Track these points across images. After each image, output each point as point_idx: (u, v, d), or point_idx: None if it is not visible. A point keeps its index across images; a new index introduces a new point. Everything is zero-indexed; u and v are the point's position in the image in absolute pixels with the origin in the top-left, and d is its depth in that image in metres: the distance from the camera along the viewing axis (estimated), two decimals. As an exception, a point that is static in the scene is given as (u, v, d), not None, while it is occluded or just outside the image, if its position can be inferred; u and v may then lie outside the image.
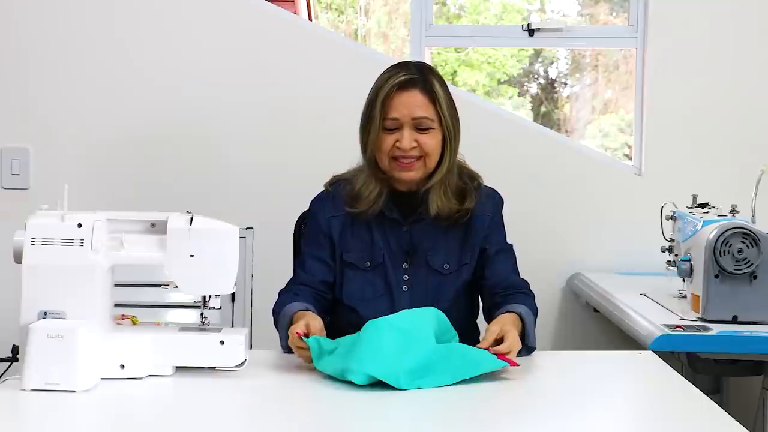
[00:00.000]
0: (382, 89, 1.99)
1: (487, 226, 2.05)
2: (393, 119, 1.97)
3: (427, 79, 2.00)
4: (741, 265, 2.12)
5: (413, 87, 1.98)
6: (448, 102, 2.01)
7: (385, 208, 2.03)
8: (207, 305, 1.75)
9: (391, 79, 1.99)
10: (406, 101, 1.97)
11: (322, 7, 7.48)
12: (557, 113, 6.70)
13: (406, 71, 2.00)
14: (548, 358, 1.98)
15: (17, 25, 2.91)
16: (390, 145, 1.98)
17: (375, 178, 2.03)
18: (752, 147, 2.94)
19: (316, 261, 2.05)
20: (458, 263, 2.03)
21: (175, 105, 2.94)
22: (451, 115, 2.01)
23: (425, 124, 1.97)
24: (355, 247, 2.04)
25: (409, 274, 2.03)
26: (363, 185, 2.03)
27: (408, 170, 1.99)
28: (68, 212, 1.67)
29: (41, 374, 1.58)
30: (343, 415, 1.54)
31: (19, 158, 2.91)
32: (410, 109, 1.97)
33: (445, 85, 2.04)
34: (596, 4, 5.89)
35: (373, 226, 2.04)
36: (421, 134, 1.98)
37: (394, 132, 1.98)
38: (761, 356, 2.10)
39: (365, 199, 2.02)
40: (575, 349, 2.84)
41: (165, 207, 1.81)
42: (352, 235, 2.05)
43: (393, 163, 1.99)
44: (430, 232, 2.03)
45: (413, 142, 1.97)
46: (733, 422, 1.46)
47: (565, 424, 1.50)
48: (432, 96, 1.98)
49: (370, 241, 2.03)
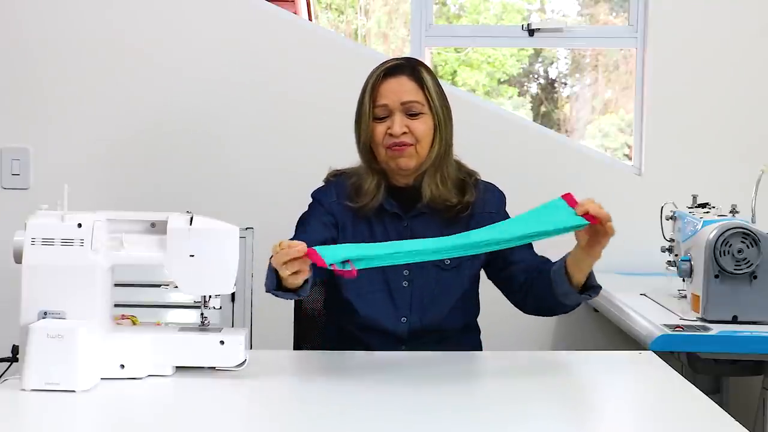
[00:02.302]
0: (371, 78, 2.02)
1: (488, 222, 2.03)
2: (382, 106, 1.99)
3: (414, 67, 2.03)
4: (741, 265, 2.12)
5: (401, 73, 2.00)
6: (437, 89, 2.03)
7: (386, 202, 2.03)
8: (207, 305, 1.75)
9: (379, 68, 2.02)
10: (394, 87, 1.99)
11: (322, 7, 7.48)
12: (557, 113, 6.70)
13: (394, 60, 2.05)
14: (548, 358, 1.98)
15: (17, 26, 2.91)
16: (383, 133, 1.99)
17: (372, 170, 2.03)
18: (752, 147, 2.94)
19: (316, 223, 2.03)
20: (459, 258, 2.02)
21: (175, 105, 2.94)
22: (441, 102, 2.03)
23: (415, 109, 1.99)
24: (355, 241, 2.04)
25: (409, 269, 2.02)
26: (362, 178, 2.04)
27: (401, 156, 1.99)
28: (68, 212, 1.67)
29: (41, 374, 1.58)
30: (342, 414, 1.54)
31: (19, 158, 2.91)
32: (398, 94, 1.98)
33: (434, 75, 2.06)
34: (596, 4, 5.89)
35: (373, 220, 2.04)
36: (412, 119, 1.98)
37: (385, 120, 1.99)
38: (761, 356, 2.10)
39: (365, 193, 2.02)
40: (575, 349, 2.84)
41: (165, 207, 1.81)
42: (353, 229, 2.05)
43: (388, 152, 1.99)
44: (431, 227, 2.02)
45: (404, 127, 1.97)
46: (733, 422, 1.46)
47: (565, 424, 1.50)
48: (420, 82, 2.00)
49: (370, 236, 2.03)
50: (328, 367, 1.81)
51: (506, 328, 2.76)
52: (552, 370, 1.84)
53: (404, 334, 1.99)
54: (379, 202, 2.03)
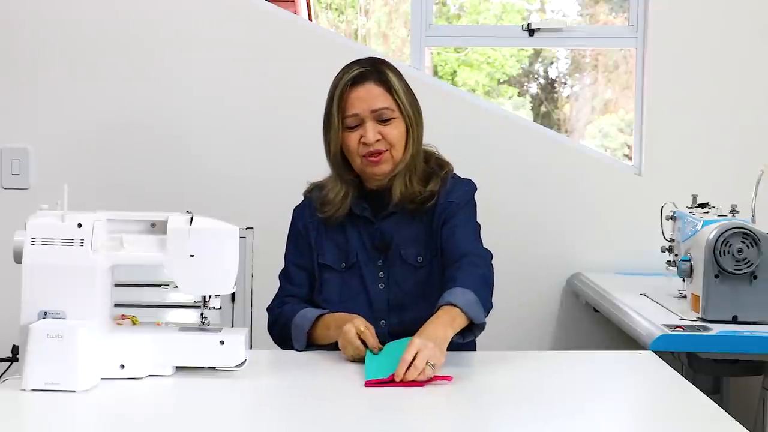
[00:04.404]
0: (337, 88, 1.99)
1: (450, 210, 2.00)
2: (353, 116, 1.97)
3: (380, 70, 2.00)
4: (741, 265, 2.12)
5: (367, 80, 1.98)
6: (405, 90, 2.01)
7: (356, 206, 2.03)
8: (207, 305, 1.75)
9: (345, 76, 2.00)
10: (362, 95, 1.97)
11: (322, 7, 7.48)
12: (557, 113, 6.70)
13: (358, 66, 2.01)
14: (548, 358, 1.98)
15: (17, 25, 2.91)
16: (356, 142, 1.98)
17: (340, 179, 2.03)
18: (752, 147, 2.94)
19: (299, 270, 2.07)
20: (430, 254, 2.01)
21: (175, 105, 2.93)
22: (410, 102, 2.01)
23: (386, 115, 1.97)
24: (330, 250, 2.04)
25: (384, 271, 2.02)
26: (331, 189, 2.04)
27: (378, 164, 1.98)
28: (68, 212, 1.67)
29: (41, 374, 1.58)
30: (342, 414, 1.54)
31: (19, 158, 2.91)
32: (368, 102, 1.97)
33: (399, 74, 2.03)
34: (596, 4, 5.89)
35: (346, 226, 2.04)
36: (384, 126, 1.97)
37: (356, 129, 1.98)
38: (761, 356, 2.10)
39: (332, 203, 2.03)
40: (575, 349, 2.84)
41: (165, 207, 1.81)
42: (327, 238, 2.05)
43: (364, 161, 1.99)
44: (401, 224, 2.02)
45: (377, 135, 1.96)
46: (733, 422, 1.46)
47: (565, 424, 1.50)
48: (387, 86, 1.99)
49: (345, 242, 2.04)
50: (328, 367, 1.81)
51: (506, 328, 2.76)
52: (552, 370, 1.84)
53: (386, 337, 1.96)
54: (347, 210, 2.03)
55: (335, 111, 1.98)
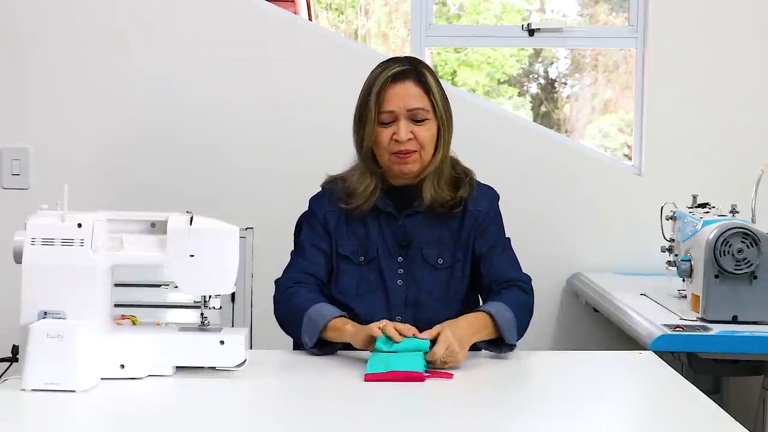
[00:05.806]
0: (376, 83, 2.00)
1: (481, 220, 2.04)
2: (389, 112, 1.98)
3: (419, 71, 2.02)
4: (741, 265, 2.12)
5: (407, 78, 1.99)
6: (440, 93, 2.03)
7: (380, 202, 2.04)
8: (207, 305, 1.75)
9: (384, 72, 2.00)
10: (400, 93, 1.98)
11: (322, 7, 7.49)
12: (557, 113, 6.71)
13: (399, 64, 2.02)
14: (548, 358, 1.98)
15: (17, 25, 2.91)
16: (388, 138, 1.98)
17: (370, 173, 2.04)
18: (752, 147, 2.94)
19: (315, 249, 2.05)
20: (452, 258, 2.03)
21: (175, 105, 2.93)
22: (444, 106, 2.03)
23: (420, 116, 1.98)
24: (350, 242, 2.04)
25: (403, 268, 2.02)
26: (357, 181, 2.04)
27: (406, 163, 1.99)
28: (68, 212, 1.67)
29: (41, 374, 1.58)
30: (343, 414, 1.54)
31: (19, 158, 2.91)
32: (405, 100, 1.98)
33: (436, 77, 2.06)
34: (596, 4, 5.90)
35: (368, 220, 2.05)
36: (417, 126, 1.98)
37: (390, 125, 1.99)
38: (761, 356, 2.10)
39: (360, 195, 2.03)
40: (575, 349, 2.84)
41: (165, 207, 1.81)
42: (347, 230, 2.05)
43: (392, 158, 2.00)
44: (425, 225, 2.03)
45: (410, 134, 1.97)
46: (733, 422, 1.46)
47: (565, 424, 1.50)
48: (425, 87, 2.00)
49: (365, 236, 2.04)
50: (328, 367, 1.81)
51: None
52: (552, 370, 1.85)
53: None
54: (372, 204, 2.03)
55: (372, 105, 1.99)
